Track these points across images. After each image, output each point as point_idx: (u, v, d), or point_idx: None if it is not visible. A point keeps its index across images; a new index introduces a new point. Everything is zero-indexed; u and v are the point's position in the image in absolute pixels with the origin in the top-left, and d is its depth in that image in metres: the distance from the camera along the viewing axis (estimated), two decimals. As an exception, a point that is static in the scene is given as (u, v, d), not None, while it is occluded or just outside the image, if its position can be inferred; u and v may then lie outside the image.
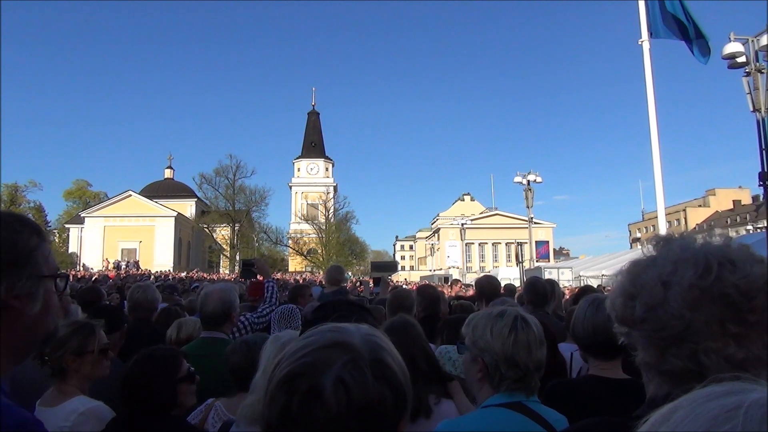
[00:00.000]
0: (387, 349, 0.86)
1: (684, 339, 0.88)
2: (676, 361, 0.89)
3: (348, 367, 0.79)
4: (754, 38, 11.77)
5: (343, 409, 0.76)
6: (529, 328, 1.83)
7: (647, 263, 0.95)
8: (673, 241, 0.97)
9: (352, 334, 0.85)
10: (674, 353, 0.89)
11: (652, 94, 10.20)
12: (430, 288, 4.81)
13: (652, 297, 0.91)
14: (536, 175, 28.56)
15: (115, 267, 45.33)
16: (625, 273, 0.98)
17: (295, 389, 0.78)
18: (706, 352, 0.86)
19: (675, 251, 0.93)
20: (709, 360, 0.86)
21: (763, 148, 11.15)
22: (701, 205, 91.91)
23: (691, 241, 0.95)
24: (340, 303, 1.71)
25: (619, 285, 0.98)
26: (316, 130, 75.57)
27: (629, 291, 0.95)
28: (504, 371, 1.80)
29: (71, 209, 71.86)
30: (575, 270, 27.17)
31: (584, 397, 2.03)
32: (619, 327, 0.97)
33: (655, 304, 0.90)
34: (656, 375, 0.93)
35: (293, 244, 65.00)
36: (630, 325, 0.94)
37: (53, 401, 2.37)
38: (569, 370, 3.07)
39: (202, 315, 3.33)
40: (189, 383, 2.17)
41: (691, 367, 0.87)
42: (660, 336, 0.90)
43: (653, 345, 0.91)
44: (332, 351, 0.81)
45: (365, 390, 0.78)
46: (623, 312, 0.95)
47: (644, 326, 0.92)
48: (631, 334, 0.95)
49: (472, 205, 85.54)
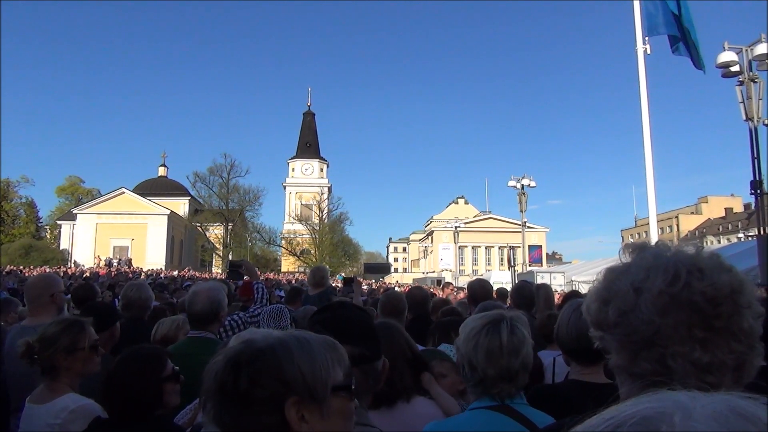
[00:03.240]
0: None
1: (654, 343, 0.90)
2: (646, 365, 0.91)
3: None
4: (748, 47, 11.84)
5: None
6: (495, 335, 1.85)
7: (622, 270, 0.98)
8: (646, 249, 0.99)
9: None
10: (644, 357, 0.91)
11: (646, 100, 10.24)
12: (417, 290, 4.84)
13: (625, 302, 0.93)
14: (530, 179, 28.65)
15: (107, 264, 45.11)
16: (600, 279, 1.01)
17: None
18: (673, 356, 0.89)
19: (648, 259, 0.96)
20: (676, 364, 0.89)
21: (756, 157, 11.23)
22: (693, 212, 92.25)
23: (663, 249, 0.98)
24: (345, 304, 1.72)
25: (595, 290, 1.00)
26: (311, 130, 75.47)
27: (604, 296, 0.97)
28: (467, 372, 1.86)
29: (63, 206, 71.58)
30: (567, 275, 27.15)
31: (566, 402, 2.05)
32: (594, 331, 1.00)
33: (627, 310, 0.93)
34: (627, 377, 0.95)
35: (286, 245, 64.81)
36: (604, 329, 0.97)
37: (43, 398, 2.37)
38: (552, 375, 3.10)
39: (190, 314, 3.31)
40: (174, 383, 2.16)
41: (660, 370, 0.89)
42: (631, 340, 0.92)
43: (625, 348, 0.94)
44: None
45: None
46: (598, 316, 0.98)
47: (617, 330, 0.94)
48: (604, 338, 0.97)
49: (466, 209, 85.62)
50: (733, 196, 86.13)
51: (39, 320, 3.34)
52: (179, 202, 66.05)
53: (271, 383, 0.99)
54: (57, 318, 2.86)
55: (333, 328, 1.52)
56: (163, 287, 14.87)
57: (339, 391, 1.04)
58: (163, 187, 66.95)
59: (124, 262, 47.99)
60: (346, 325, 1.51)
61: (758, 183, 11.14)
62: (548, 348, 3.56)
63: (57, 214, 69.07)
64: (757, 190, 11.19)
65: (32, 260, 47.68)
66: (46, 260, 49.11)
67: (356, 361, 1.40)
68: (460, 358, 1.88)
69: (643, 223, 76.61)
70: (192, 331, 3.30)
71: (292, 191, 72.47)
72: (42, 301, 3.52)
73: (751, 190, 11.33)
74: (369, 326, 1.57)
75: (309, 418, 0.99)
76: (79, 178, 75.72)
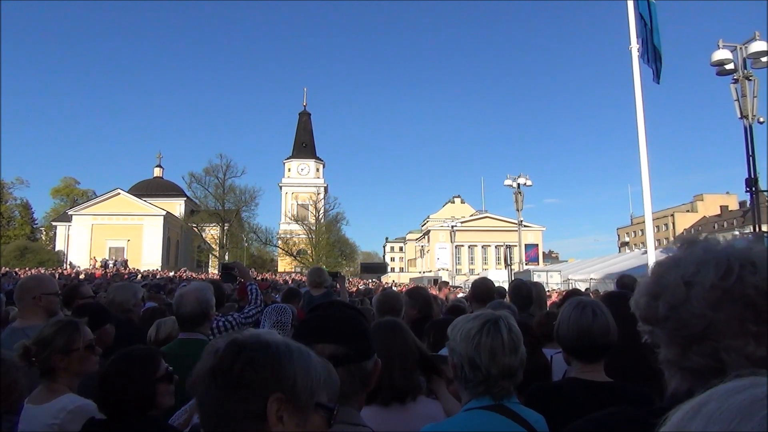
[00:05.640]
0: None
1: (705, 337, 0.90)
2: (698, 359, 0.91)
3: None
4: (742, 46, 11.90)
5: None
6: (497, 333, 1.85)
7: (671, 264, 0.98)
8: (697, 242, 0.99)
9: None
10: (696, 351, 0.92)
11: (640, 99, 10.24)
12: (422, 290, 4.80)
13: (675, 296, 0.93)
14: (526, 178, 28.69)
15: (103, 266, 45.00)
16: (650, 274, 1.01)
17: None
18: (726, 350, 0.89)
19: (698, 253, 0.96)
20: (730, 357, 0.88)
21: (751, 155, 11.27)
22: (689, 210, 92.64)
23: (714, 243, 0.98)
24: (335, 303, 1.70)
25: (644, 285, 1.00)
26: (307, 130, 75.49)
27: (653, 291, 0.97)
28: (467, 373, 1.84)
29: (59, 207, 71.42)
30: (564, 273, 27.25)
31: (566, 400, 2.05)
32: (643, 325, 1.00)
33: (678, 304, 0.93)
34: (678, 371, 0.96)
35: (283, 245, 64.81)
36: (653, 323, 0.97)
37: (42, 399, 2.38)
38: (550, 373, 3.09)
39: (179, 316, 3.28)
40: (167, 383, 2.15)
41: (712, 364, 0.89)
42: (682, 334, 0.93)
43: (675, 343, 0.94)
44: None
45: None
46: (647, 311, 0.98)
47: (667, 324, 0.94)
48: (654, 332, 0.98)
49: (463, 208, 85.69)
50: (728, 194, 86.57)
51: (28, 322, 3.34)
52: (175, 202, 65.87)
53: (265, 372, 1.01)
54: (52, 319, 2.84)
55: (320, 327, 1.51)
56: (159, 288, 14.84)
57: (321, 409, 1.06)
58: (159, 188, 66.78)
59: (120, 264, 47.84)
60: (333, 324, 1.50)
61: (753, 180, 11.19)
62: (547, 346, 3.55)
63: (52, 215, 68.85)
64: (753, 188, 11.24)
65: (27, 262, 47.54)
66: (42, 262, 48.95)
67: (341, 360, 1.38)
68: (458, 359, 1.87)
69: (638, 221, 76.79)
70: (182, 333, 3.28)
71: (288, 191, 72.50)
72: (26, 303, 3.50)
73: (746, 188, 11.38)
74: (358, 325, 1.56)
75: (286, 421, 1.00)
76: (74, 180, 75.70)
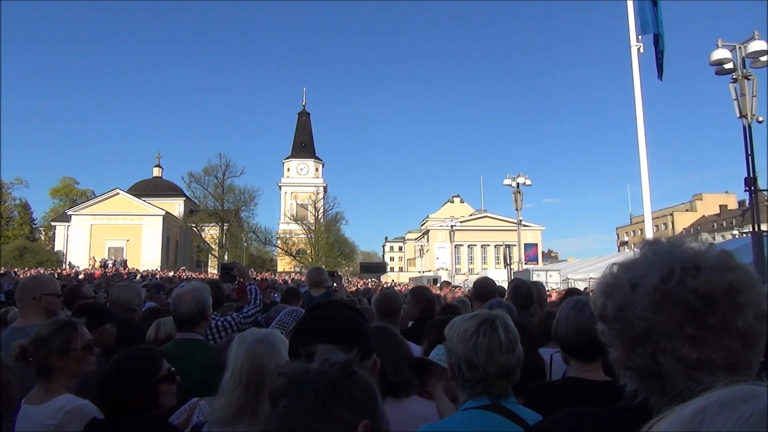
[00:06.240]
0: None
1: (647, 339, 0.92)
2: (639, 360, 0.93)
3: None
4: (741, 45, 11.88)
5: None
6: (494, 333, 1.85)
7: (624, 265, 1.00)
8: (649, 244, 1.00)
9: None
10: (639, 352, 0.93)
11: (640, 98, 10.27)
12: (425, 289, 4.80)
13: (622, 297, 0.96)
14: (525, 177, 28.68)
15: (102, 266, 44.99)
16: (607, 273, 1.03)
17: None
18: (663, 353, 0.91)
19: (648, 255, 0.97)
20: (665, 360, 0.90)
21: (750, 154, 11.25)
22: (688, 210, 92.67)
23: (665, 246, 0.98)
24: (334, 303, 1.71)
25: (600, 284, 1.03)
26: (306, 130, 75.47)
27: (606, 291, 1.00)
28: (465, 373, 1.84)
29: (58, 207, 71.33)
30: (563, 273, 27.24)
31: (564, 399, 2.04)
32: (599, 324, 1.02)
33: (624, 305, 0.95)
34: (626, 372, 0.98)
35: (282, 245, 64.81)
36: (605, 323, 1.00)
37: (39, 399, 2.37)
38: (549, 373, 3.08)
39: (176, 316, 3.27)
40: (169, 383, 2.15)
41: (651, 365, 0.92)
42: (628, 335, 0.94)
43: (622, 343, 0.96)
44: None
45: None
46: (601, 310, 1.00)
47: (616, 325, 0.97)
48: (605, 332, 1.00)
49: (462, 207, 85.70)
50: (727, 193, 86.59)
51: (27, 322, 3.33)
52: (174, 202, 65.83)
53: (368, 396, 1.08)
54: (50, 319, 2.84)
55: (319, 327, 1.51)
56: (158, 288, 14.81)
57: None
58: (158, 188, 66.74)
59: (120, 263, 47.85)
60: (332, 324, 1.51)
61: (752, 180, 11.16)
62: (546, 345, 3.54)
63: (51, 215, 68.82)
64: (752, 187, 11.22)
65: (26, 262, 47.50)
66: (41, 262, 48.93)
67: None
68: (456, 359, 1.86)
69: (638, 220, 76.83)
70: (179, 333, 3.27)
71: (287, 191, 72.47)
72: (25, 303, 3.50)
73: (745, 187, 11.36)
74: (357, 325, 1.56)
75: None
76: (73, 180, 75.63)
